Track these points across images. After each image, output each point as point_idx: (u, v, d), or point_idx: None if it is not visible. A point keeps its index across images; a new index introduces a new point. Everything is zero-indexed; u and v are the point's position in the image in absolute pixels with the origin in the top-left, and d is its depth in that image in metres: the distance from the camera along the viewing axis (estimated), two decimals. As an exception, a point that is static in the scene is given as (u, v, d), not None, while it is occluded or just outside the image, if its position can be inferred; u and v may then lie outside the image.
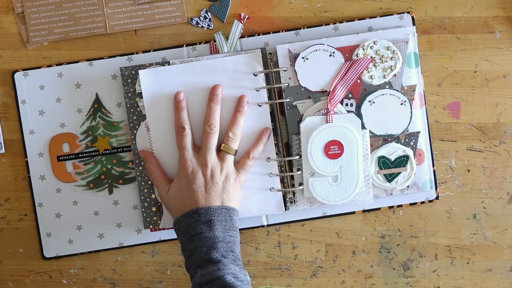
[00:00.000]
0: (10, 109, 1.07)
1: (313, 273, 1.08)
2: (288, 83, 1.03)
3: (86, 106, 1.06)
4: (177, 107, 1.01)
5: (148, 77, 1.02)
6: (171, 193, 0.99)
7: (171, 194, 0.99)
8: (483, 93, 1.06)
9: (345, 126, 1.01)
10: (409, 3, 1.05)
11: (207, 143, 0.98)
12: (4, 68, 1.06)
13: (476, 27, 1.06)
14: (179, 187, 0.98)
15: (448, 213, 1.07)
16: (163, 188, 1.00)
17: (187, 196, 0.97)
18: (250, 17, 1.06)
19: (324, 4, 1.06)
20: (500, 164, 1.06)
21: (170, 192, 0.99)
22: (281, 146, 1.04)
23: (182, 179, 0.98)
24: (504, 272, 1.07)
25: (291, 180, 1.04)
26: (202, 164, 0.98)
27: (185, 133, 0.99)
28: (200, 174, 0.97)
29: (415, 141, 1.03)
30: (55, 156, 1.06)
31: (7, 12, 1.06)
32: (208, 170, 0.97)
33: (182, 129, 0.99)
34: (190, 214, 0.95)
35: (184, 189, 0.97)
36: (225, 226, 0.95)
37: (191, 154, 0.98)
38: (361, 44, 1.02)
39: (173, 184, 0.99)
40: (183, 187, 0.97)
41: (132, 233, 1.06)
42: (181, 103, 1.00)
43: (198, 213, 0.94)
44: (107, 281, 1.08)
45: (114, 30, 1.06)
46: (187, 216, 0.95)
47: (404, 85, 1.03)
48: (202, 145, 0.99)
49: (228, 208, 0.96)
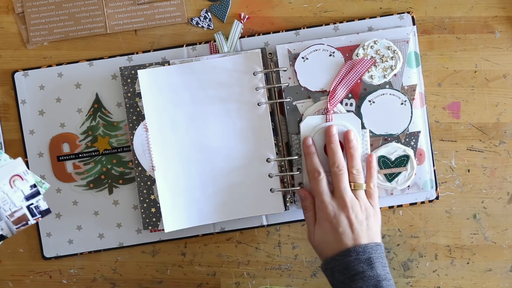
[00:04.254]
0: (10, 109, 1.07)
1: (313, 273, 1.08)
2: (288, 83, 1.03)
3: (86, 106, 1.06)
4: (307, 152, 0.99)
5: (147, 77, 1.02)
6: (317, 238, 0.96)
7: (317, 239, 0.96)
8: (483, 93, 1.06)
9: (345, 125, 1.00)
10: (409, 3, 1.05)
11: (341, 184, 0.96)
12: (4, 68, 1.06)
13: (476, 27, 1.06)
14: (324, 233, 0.96)
15: (448, 213, 1.07)
16: (311, 230, 0.98)
17: (335, 240, 0.94)
18: (250, 17, 1.06)
19: (324, 4, 1.06)
20: (500, 164, 1.06)
21: (316, 237, 0.96)
22: (281, 146, 1.04)
23: (326, 225, 0.95)
24: (504, 272, 1.07)
25: (291, 180, 1.04)
26: (342, 206, 0.95)
27: (320, 177, 0.97)
28: (343, 217, 0.95)
29: (415, 140, 1.03)
30: (55, 156, 1.06)
31: (7, 12, 1.06)
32: (350, 210, 0.95)
33: (317, 173, 0.98)
34: (347, 253, 0.93)
35: (329, 234, 0.95)
36: (382, 263, 0.93)
37: (329, 197, 0.96)
38: (361, 44, 1.02)
39: (317, 230, 0.96)
40: (328, 232, 0.95)
41: (132, 233, 1.06)
42: (310, 148, 0.99)
43: (356, 251, 0.92)
44: (107, 281, 1.08)
45: (114, 30, 1.06)
46: (344, 255, 0.93)
47: (404, 85, 1.03)
48: (336, 187, 0.97)
49: (380, 244, 0.95)
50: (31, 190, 0.90)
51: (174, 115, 1.03)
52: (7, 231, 0.89)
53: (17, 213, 0.89)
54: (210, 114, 1.03)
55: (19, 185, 0.89)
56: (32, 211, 0.90)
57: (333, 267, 0.93)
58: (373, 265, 0.92)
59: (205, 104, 1.03)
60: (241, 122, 1.03)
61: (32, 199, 0.90)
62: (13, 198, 0.89)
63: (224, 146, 1.03)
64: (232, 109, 1.02)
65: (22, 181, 0.89)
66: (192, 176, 1.03)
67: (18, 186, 0.89)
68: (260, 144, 1.03)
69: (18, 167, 0.89)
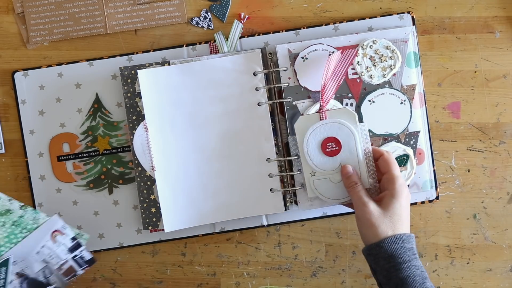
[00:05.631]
0: (10, 109, 1.07)
1: (313, 273, 1.07)
2: (288, 83, 1.03)
3: (86, 106, 1.06)
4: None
5: (147, 77, 1.02)
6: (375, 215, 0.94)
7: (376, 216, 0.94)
8: (483, 93, 1.06)
9: (339, 121, 0.99)
10: (409, 3, 1.05)
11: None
12: (4, 68, 1.07)
13: (476, 27, 1.06)
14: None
15: (448, 213, 1.07)
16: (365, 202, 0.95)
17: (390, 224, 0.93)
18: (250, 17, 1.06)
19: (324, 4, 1.06)
20: (500, 164, 1.06)
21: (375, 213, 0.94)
22: (281, 146, 1.04)
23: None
24: (504, 272, 1.07)
25: (291, 180, 1.04)
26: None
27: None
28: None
29: (415, 140, 1.03)
30: (55, 156, 1.06)
31: (7, 12, 1.06)
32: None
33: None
34: (394, 241, 0.91)
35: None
36: (416, 255, 0.93)
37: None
38: (360, 43, 1.02)
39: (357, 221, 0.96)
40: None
41: (132, 233, 1.06)
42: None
43: (402, 239, 0.92)
44: (107, 281, 1.08)
45: (114, 30, 1.06)
46: (390, 242, 0.91)
47: (404, 85, 1.03)
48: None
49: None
50: (72, 243, 0.98)
51: (174, 115, 1.03)
52: (60, 283, 0.97)
53: (64, 265, 0.97)
54: (210, 114, 1.03)
55: (61, 239, 0.97)
56: (78, 262, 0.98)
57: (377, 253, 0.92)
58: (416, 255, 0.92)
59: (205, 104, 1.03)
60: (241, 122, 1.03)
61: (76, 251, 0.98)
62: (58, 252, 0.97)
63: (224, 146, 1.03)
64: (232, 109, 1.02)
65: (63, 235, 0.97)
66: (192, 176, 1.03)
67: (60, 240, 0.97)
68: (260, 144, 1.03)
69: (56, 223, 0.97)
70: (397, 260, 0.90)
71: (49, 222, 0.97)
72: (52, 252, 0.96)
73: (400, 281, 0.90)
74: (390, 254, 0.91)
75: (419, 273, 0.90)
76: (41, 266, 0.96)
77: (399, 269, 0.90)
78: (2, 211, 0.97)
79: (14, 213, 0.97)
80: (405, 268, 0.90)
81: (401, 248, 0.91)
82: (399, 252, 0.91)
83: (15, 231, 0.96)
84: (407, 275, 0.90)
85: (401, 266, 0.90)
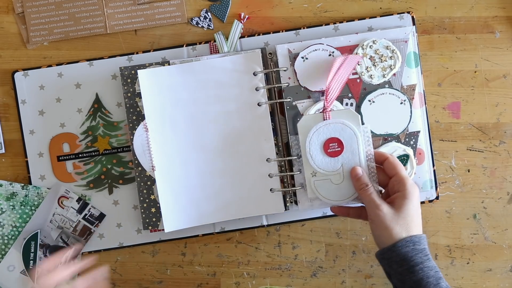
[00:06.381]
0: (10, 109, 1.07)
1: (313, 273, 1.07)
2: (288, 83, 1.03)
3: (86, 106, 1.06)
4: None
5: (147, 77, 1.02)
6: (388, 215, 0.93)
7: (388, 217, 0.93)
8: (483, 93, 1.06)
9: (343, 122, 0.98)
10: (409, 3, 1.05)
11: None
12: (4, 68, 1.07)
13: (476, 27, 1.06)
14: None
15: (448, 213, 1.07)
16: (378, 204, 0.94)
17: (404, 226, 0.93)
18: (250, 17, 1.06)
19: (324, 4, 1.06)
20: (500, 164, 1.06)
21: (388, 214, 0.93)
22: (281, 146, 1.04)
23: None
24: (504, 272, 1.07)
25: (291, 180, 1.04)
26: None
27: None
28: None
29: (415, 140, 1.03)
30: (55, 156, 1.06)
31: (7, 12, 1.06)
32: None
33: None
34: (404, 244, 0.91)
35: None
36: (428, 256, 0.92)
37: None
38: (360, 43, 1.02)
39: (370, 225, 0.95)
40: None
41: (132, 233, 1.06)
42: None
43: (413, 241, 0.91)
44: (107, 281, 1.08)
45: (114, 30, 1.06)
46: (401, 245, 0.91)
47: (403, 85, 1.03)
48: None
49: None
50: (79, 204, 1.05)
51: (174, 115, 1.03)
52: (79, 244, 1.06)
53: (78, 226, 1.06)
54: (210, 114, 1.03)
55: (67, 203, 1.05)
56: (89, 220, 1.06)
57: (390, 257, 0.92)
58: (429, 256, 0.91)
59: (205, 104, 1.03)
60: (241, 122, 1.03)
61: (84, 210, 1.06)
62: (68, 215, 1.05)
63: (224, 146, 1.03)
64: (232, 109, 1.02)
65: (68, 199, 1.05)
66: (192, 176, 1.03)
67: (67, 204, 1.05)
68: (260, 144, 1.03)
69: (59, 189, 1.05)
70: (410, 263, 0.90)
71: (52, 191, 1.05)
72: (63, 217, 1.05)
73: (414, 284, 0.90)
74: (402, 257, 0.90)
75: (432, 274, 0.90)
76: (57, 233, 1.05)
77: (412, 272, 0.90)
78: (8, 195, 1.05)
79: (19, 195, 1.05)
80: (418, 271, 0.90)
81: (413, 251, 0.91)
82: (411, 254, 0.90)
83: (25, 210, 1.05)
84: (420, 278, 0.89)
85: (414, 269, 0.90)
